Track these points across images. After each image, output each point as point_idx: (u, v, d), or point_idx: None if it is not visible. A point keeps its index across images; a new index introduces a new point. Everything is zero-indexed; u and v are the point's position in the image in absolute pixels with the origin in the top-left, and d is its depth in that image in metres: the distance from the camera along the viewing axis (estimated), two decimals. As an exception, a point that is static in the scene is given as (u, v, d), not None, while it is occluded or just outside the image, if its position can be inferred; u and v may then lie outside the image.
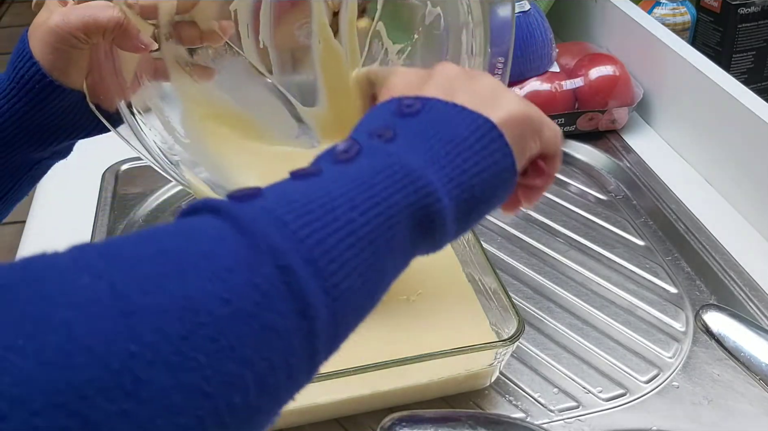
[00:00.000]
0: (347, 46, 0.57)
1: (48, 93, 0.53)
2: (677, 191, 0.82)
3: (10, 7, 3.22)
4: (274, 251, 0.28)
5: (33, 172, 0.58)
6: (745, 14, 1.01)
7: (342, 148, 0.35)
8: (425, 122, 0.36)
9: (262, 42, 0.58)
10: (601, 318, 0.68)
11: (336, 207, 0.31)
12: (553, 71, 0.91)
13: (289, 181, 0.33)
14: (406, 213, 0.33)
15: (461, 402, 0.60)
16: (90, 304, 0.24)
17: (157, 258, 0.27)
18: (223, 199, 0.30)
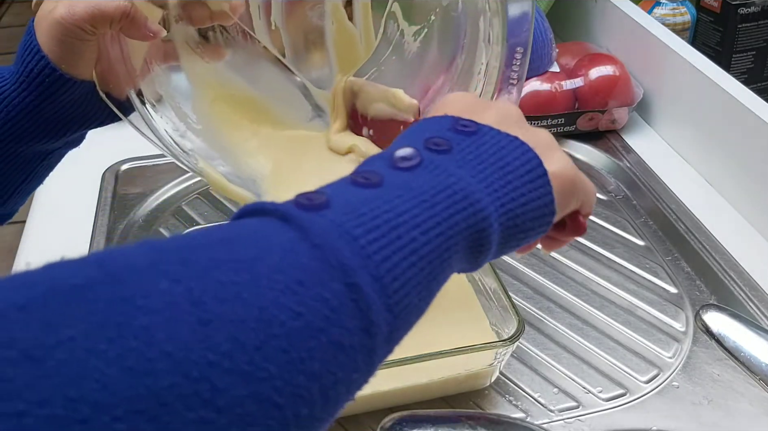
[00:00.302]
0: (361, 27, 0.56)
1: (58, 86, 0.52)
2: (677, 191, 0.82)
3: (10, 7, 3.22)
4: (344, 267, 0.28)
5: (46, 162, 0.58)
6: (745, 14, 1.01)
7: (402, 155, 0.35)
8: (480, 144, 0.37)
9: (273, 23, 0.57)
10: (601, 318, 0.68)
11: (401, 224, 0.31)
12: (553, 71, 0.91)
13: (351, 188, 0.33)
14: (464, 235, 0.34)
15: (461, 402, 0.60)
16: (169, 309, 0.24)
17: (232, 266, 0.27)
18: (292, 206, 0.31)
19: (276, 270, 0.27)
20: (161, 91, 0.58)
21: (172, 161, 0.59)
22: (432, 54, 0.60)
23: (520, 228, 0.37)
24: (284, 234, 0.29)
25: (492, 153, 0.37)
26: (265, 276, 0.27)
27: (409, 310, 0.31)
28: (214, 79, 0.60)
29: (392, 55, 0.59)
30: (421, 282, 0.32)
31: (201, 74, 0.59)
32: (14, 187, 0.57)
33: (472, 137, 0.37)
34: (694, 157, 0.86)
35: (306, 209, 0.30)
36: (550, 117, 0.89)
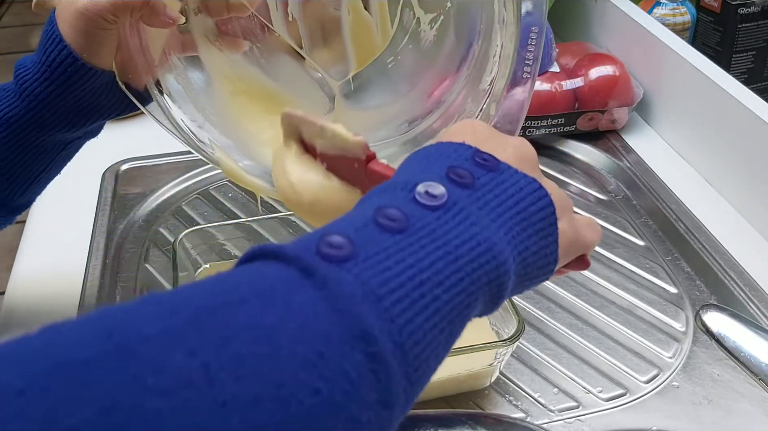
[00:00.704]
0: (377, 16, 0.56)
1: (80, 75, 0.53)
2: (677, 191, 0.82)
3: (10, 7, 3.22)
4: (367, 336, 0.27)
5: (65, 152, 0.59)
6: (745, 14, 1.01)
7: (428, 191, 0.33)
8: (499, 183, 0.36)
9: (290, 14, 0.57)
10: (601, 318, 0.68)
11: (424, 281, 0.30)
12: (553, 71, 0.91)
13: (376, 232, 0.31)
14: (485, 290, 0.33)
15: (461, 402, 0.60)
16: (183, 390, 0.23)
17: (252, 334, 0.25)
18: (314, 255, 0.29)
19: (297, 339, 0.26)
20: (180, 82, 0.59)
21: (172, 161, 0.59)
22: (449, 41, 0.60)
23: (528, 277, 0.36)
24: (306, 293, 0.28)
25: (511, 195, 0.36)
26: (285, 347, 0.25)
27: (426, 374, 0.30)
28: (232, 71, 0.60)
29: (409, 44, 0.59)
30: (441, 344, 0.30)
31: (219, 66, 0.59)
32: (33, 176, 0.58)
33: (492, 174, 0.36)
34: (694, 157, 0.86)
35: (330, 260, 0.29)
36: (550, 117, 0.89)
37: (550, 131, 0.90)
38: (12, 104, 0.54)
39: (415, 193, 0.33)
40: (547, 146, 0.91)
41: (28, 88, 0.53)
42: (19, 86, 0.54)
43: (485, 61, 0.58)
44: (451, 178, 0.35)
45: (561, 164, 0.90)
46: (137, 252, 0.77)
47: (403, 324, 0.28)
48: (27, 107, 0.54)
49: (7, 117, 0.54)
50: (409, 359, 0.28)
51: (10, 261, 0.76)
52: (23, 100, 0.54)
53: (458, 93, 0.61)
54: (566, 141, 0.91)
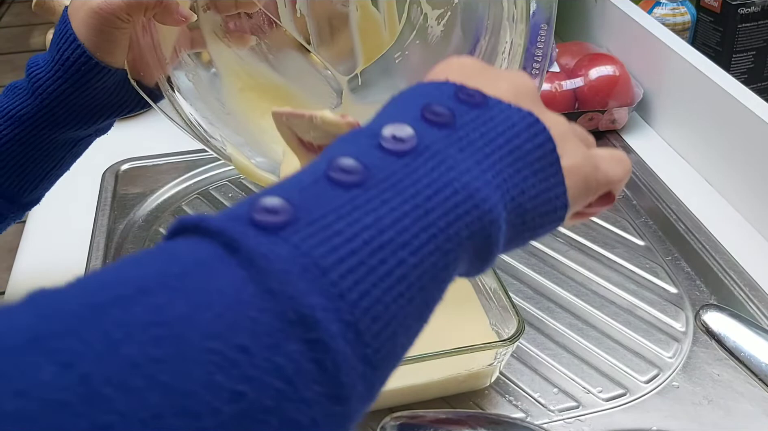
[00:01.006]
0: (385, 12, 0.56)
1: (93, 74, 0.53)
2: (677, 191, 0.82)
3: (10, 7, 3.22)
4: (305, 320, 0.22)
5: (76, 149, 0.59)
6: (745, 14, 1.01)
7: (393, 133, 0.28)
8: (487, 120, 0.30)
9: (299, 10, 0.58)
10: (601, 318, 0.68)
11: (385, 244, 0.25)
12: (553, 71, 0.91)
13: (324, 187, 0.26)
14: (466, 245, 0.28)
15: (461, 402, 0.60)
16: (53, 414, 0.18)
17: (149, 333, 0.20)
18: (244, 224, 0.24)
19: (211, 334, 0.21)
20: (190, 79, 0.59)
21: (172, 161, 0.59)
22: (456, 37, 0.60)
23: (528, 226, 0.31)
24: (228, 274, 0.23)
25: (501, 132, 0.30)
26: (194, 346, 0.20)
27: (394, 352, 0.25)
28: (241, 67, 0.61)
29: (416, 39, 0.59)
30: (411, 315, 0.26)
31: (228, 63, 0.60)
32: (44, 173, 0.58)
33: (478, 110, 0.31)
34: (694, 157, 0.86)
35: (263, 229, 0.24)
36: (550, 117, 0.89)
37: (550, 131, 0.90)
38: (24, 102, 0.54)
39: (380, 138, 0.28)
40: (547, 146, 0.91)
41: (41, 86, 0.54)
42: (32, 84, 0.54)
43: (493, 57, 0.58)
44: (426, 118, 0.30)
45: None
46: (137, 252, 0.77)
47: (356, 299, 0.23)
48: (39, 105, 0.54)
49: (20, 114, 0.54)
50: (365, 339, 0.23)
51: (10, 261, 0.76)
52: (36, 97, 0.54)
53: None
54: (566, 141, 0.91)
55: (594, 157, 0.34)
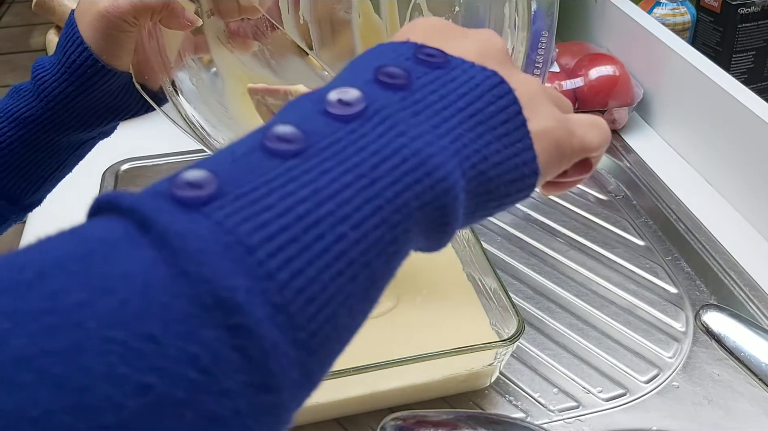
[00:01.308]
0: (387, 19, 0.57)
1: (99, 77, 0.54)
2: (677, 191, 0.82)
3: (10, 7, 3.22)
4: (225, 303, 0.20)
5: (79, 151, 0.59)
6: (745, 14, 1.01)
7: (339, 97, 0.26)
8: (447, 81, 0.28)
9: (302, 17, 0.58)
10: (601, 318, 0.68)
11: (323, 217, 0.23)
12: (553, 71, 0.91)
13: (259, 157, 0.24)
14: (417, 217, 0.26)
15: (461, 402, 0.60)
16: None
17: (42, 323, 0.18)
18: (162, 199, 0.22)
19: (113, 322, 0.19)
20: (194, 83, 0.59)
21: (172, 161, 0.59)
22: None
23: (493, 195, 0.29)
24: (138, 254, 0.21)
25: (462, 94, 0.28)
26: (93, 336, 0.19)
27: (336, 334, 0.23)
28: (244, 72, 0.61)
29: None
30: (354, 295, 0.24)
31: (231, 68, 0.60)
32: (47, 174, 0.59)
33: (438, 71, 0.28)
34: (694, 157, 0.86)
35: (183, 205, 0.22)
36: (550, 117, 0.89)
37: (550, 131, 0.90)
38: (29, 104, 0.54)
39: (325, 103, 0.26)
40: (547, 146, 0.91)
41: (46, 88, 0.54)
42: (37, 86, 0.54)
43: None
44: (379, 80, 0.27)
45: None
46: (137, 252, 0.77)
47: (286, 279, 0.21)
48: (44, 107, 0.54)
49: (24, 116, 0.54)
50: (298, 322, 0.21)
51: (12, 252, 0.76)
52: (41, 99, 0.54)
53: None
54: (566, 141, 0.91)
55: (569, 120, 0.32)
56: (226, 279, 0.20)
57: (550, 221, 0.80)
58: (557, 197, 0.84)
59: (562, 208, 0.82)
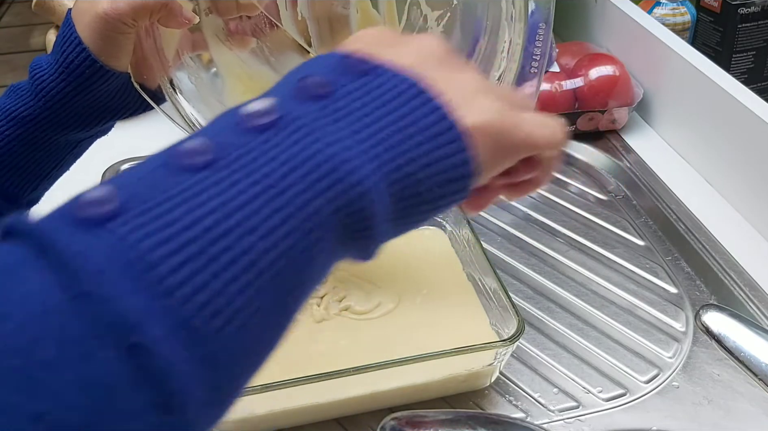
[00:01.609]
0: (385, 14, 0.57)
1: (97, 77, 0.54)
2: (677, 191, 0.82)
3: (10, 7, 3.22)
4: (123, 324, 0.20)
5: (77, 150, 0.59)
6: (745, 14, 1.01)
7: (252, 110, 0.26)
8: (371, 89, 0.28)
9: (300, 13, 0.58)
10: (601, 318, 0.68)
11: (231, 229, 0.23)
12: (553, 71, 0.91)
13: (169, 172, 0.24)
14: (332, 222, 0.25)
15: (461, 402, 0.60)
16: None
17: None
18: (61, 221, 0.21)
19: (8, 350, 0.19)
20: (193, 82, 0.59)
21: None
22: (455, 38, 0.61)
23: (425, 197, 0.28)
24: (36, 278, 0.20)
25: (387, 101, 0.28)
26: None
27: (247, 347, 0.23)
28: (243, 70, 0.61)
29: None
30: (266, 304, 0.23)
31: (230, 66, 0.60)
32: (45, 172, 0.59)
33: (364, 78, 0.29)
34: (694, 157, 0.86)
35: (84, 224, 0.21)
36: (550, 117, 0.89)
37: (550, 131, 0.90)
38: (27, 103, 0.55)
39: (240, 114, 0.26)
40: (547, 146, 0.91)
41: (44, 88, 0.54)
42: (35, 86, 0.54)
43: (492, 57, 0.59)
44: (300, 90, 0.28)
45: (561, 164, 0.90)
46: (137, 252, 0.77)
47: (189, 294, 0.21)
48: (42, 106, 0.54)
49: (23, 115, 0.54)
50: (203, 337, 0.21)
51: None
52: (39, 99, 0.54)
53: None
54: (566, 141, 0.91)
55: (516, 116, 0.32)
56: (123, 298, 0.20)
57: (550, 221, 0.80)
58: (556, 197, 0.84)
59: (562, 208, 0.82)
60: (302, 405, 0.56)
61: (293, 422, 0.58)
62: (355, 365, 0.54)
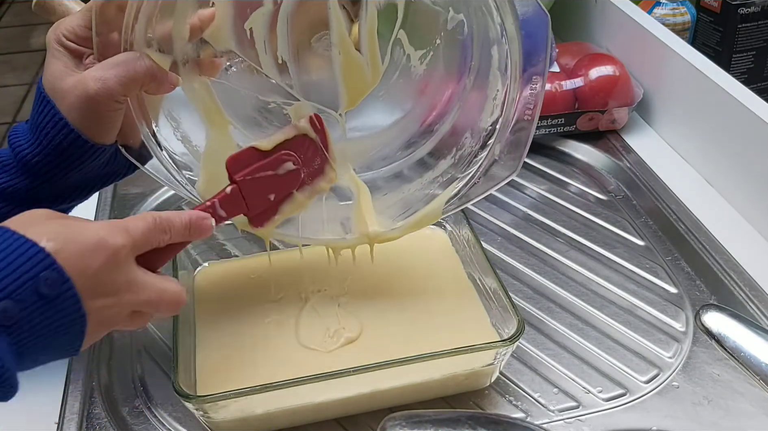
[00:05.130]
0: (368, 55, 0.57)
1: (89, 154, 0.53)
2: (677, 191, 0.82)
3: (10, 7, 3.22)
4: None
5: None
6: (745, 14, 1.01)
7: None
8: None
9: (280, 57, 0.57)
10: (601, 318, 0.68)
11: None
12: (553, 71, 0.91)
13: None
14: None
15: (461, 402, 0.60)
16: None
17: None
18: None
19: None
20: (177, 135, 0.59)
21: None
22: (438, 73, 0.62)
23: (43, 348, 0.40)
24: None
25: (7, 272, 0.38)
26: None
27: None
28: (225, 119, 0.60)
29: (399, 78, 0.61)
30: None
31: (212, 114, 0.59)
32: None
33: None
34: (694, 157, 0.86)
35: None
36: (550, 117, 0.89)
37: (550, 131, 0.90)
38: (13, 180, 0.54)
39: None
40: (547, 146, 0.91)
41: (32, 167, 0.53)
42: (21, 164, 0.53)
43: (481, 100, 0.60)
44: None
45: (561, 164, 0.90)
46: (137, 252, 0.77)
47: None
48: (30, 185, 0.54)
49: (9, 191, 0.54)
50: None
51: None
52: (26, 177, 0.54)
53: (450, 123, 0.64)
54: (566, 141, 0.91)
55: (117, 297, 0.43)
56: None
57: (550, 221, 0.80)
58: (556, 197, 0.84)
59: (562, 208, 0.82)
60: (302, 405, 0.56)
61: (293, 422, 0.58)
62: (356, 365, 0.54)
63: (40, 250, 0.39)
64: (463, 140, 0.62)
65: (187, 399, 0.53)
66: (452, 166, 0.63)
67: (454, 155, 0.63)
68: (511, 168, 0.58)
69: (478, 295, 0.65)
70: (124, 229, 0.44)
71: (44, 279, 0.38)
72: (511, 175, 0.58)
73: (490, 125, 0.59)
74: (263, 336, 0.62)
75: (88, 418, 0.59)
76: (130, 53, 0.52)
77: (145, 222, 0.46)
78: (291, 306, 0.65)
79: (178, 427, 0.59)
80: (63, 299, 0.39)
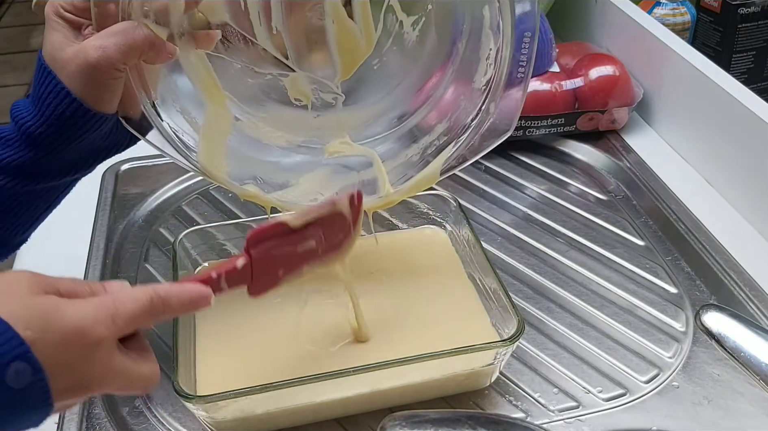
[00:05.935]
0: (361, 23, 0.57)
1: (91, 124, 0.53)
2: (677, 191, 0.82)
3: (10, 7, 3.22)
4: None
5: (67, 190, 0.59)
6: (745, 14, 1.01)
7: None
8: None
9: (275, 27, 0.57)
10: (601, 318, 0.68)
11: None
12: (553, 71, 0.91)
13: None
14: None
15: (461, 402, 0.60)
16: None
17: None
18: None
19: None
20: (176, 107, 0.59)
21: (172, 161, 0.59)
22: (431, 40, 0.62)
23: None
24: None
25: None
26: None
27: None
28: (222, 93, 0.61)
29: (393, 46, 0.60)
30: None
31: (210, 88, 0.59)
32: (36, 215, 0.58)
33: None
34: (694, 157, 0.86)
35: None
36: (550, 117, 0.89)
37: (550, 131, 0.90)
38: (17, 153, 0.54)
39: None
40: (547, 146, 0.91)
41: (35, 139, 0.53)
42: (23, 135, 0.53)
43: (475, 61, 0.59)
44: None
45: (561, 164, 0.90)
46: (137, 252, 0.77)
47: None
48: (34, 157, 0.53)
49: (13, 165, 0.53)
50: None
51: (10, 261, 0.75)
52: (30, 149, 0.53)
53: (445, 87, 0.63)
54: (566, 141, 0.91)
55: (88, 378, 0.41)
56: None
57: (550, 221, 0.80)
58: (557, 197, 0.84)
59: (562, 208, 0.82)
60: (302, 405, 0.56)
61: (293, 422, 0.58)
62: (355, 365, 0.54)
63: (15, 336, 0.37)
64: (459, 102, 0.62)
65: (188, 399, 0.53)
66: (448, 129, 0.63)
67: (449, 118, 0.63)
68: (506, 126, 0.58)
69: (478, 295, 0.65)
70: (110, 318, 0.41)
71: (14, 370, 0.37)
72: (506, 133, 0.58)
73: (484, 85, 0.59)
74: (263, 336, 0.62)
75: (88, 418, 0.59)
76: (128, 22, 0.52)
77: (138, 304, 0.43)
78: (291, 306, 0.65)
79: (178, 427, 0.59)
80: (32, 389, 0.38)
